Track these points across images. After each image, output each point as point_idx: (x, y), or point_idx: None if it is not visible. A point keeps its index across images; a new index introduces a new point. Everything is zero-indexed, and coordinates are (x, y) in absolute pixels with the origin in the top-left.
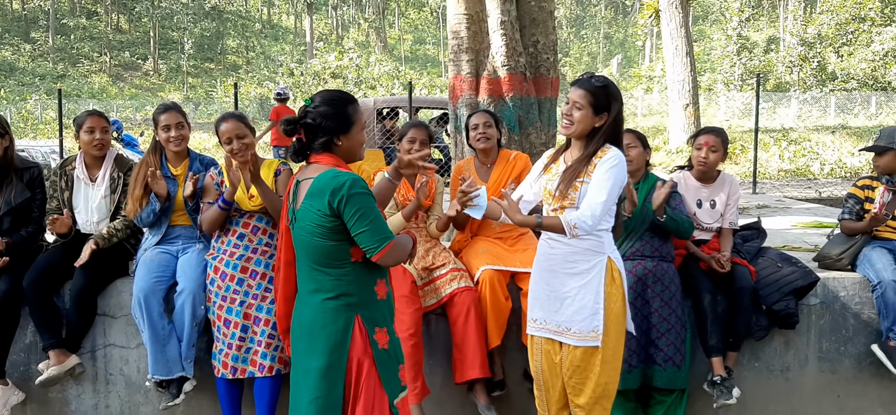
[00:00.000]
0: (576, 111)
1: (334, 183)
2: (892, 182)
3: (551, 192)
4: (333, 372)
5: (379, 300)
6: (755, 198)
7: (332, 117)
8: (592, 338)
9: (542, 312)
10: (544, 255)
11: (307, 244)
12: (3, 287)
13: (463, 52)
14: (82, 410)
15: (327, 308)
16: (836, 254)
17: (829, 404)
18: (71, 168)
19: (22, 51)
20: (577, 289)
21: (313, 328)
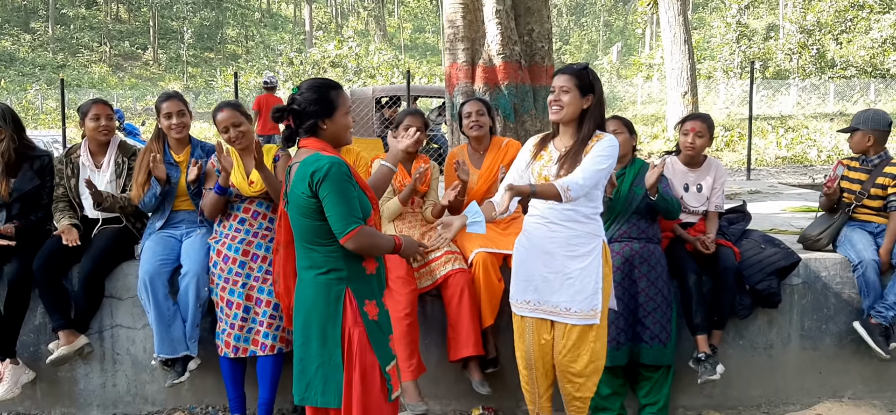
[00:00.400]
0: (564, 95)
1: (314, 166)
2: (867, 161)
3: (549, 177)
4: (331, 341)
5: (368, 275)
6: (749, 183)
7: (316, 102)
8: (592, 316)
9: (537, 294)
10: (543, 238)
11: (298, 224)
12: (14, 270)
13: (459, 40)
14: (90, 388)
15: (320, 283)
16: (816, 234)
17: (811, 381)
18: (76, 156)
19: (22, 41)
20: (579, 271)
21: (309, 302)
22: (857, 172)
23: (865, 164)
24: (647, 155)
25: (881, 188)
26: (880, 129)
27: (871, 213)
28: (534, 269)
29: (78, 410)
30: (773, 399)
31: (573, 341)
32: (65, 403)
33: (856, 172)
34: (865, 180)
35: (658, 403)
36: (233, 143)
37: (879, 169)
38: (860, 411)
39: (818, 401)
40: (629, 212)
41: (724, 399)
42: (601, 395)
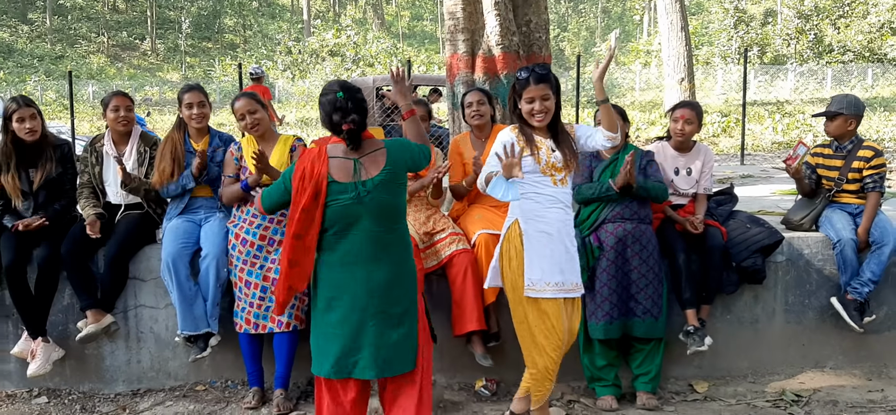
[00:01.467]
0: (546, 103)
1: (410, 150)
2: (840, 148)
3: (556, 165)
4: (415, 307)
5: None
6: (742, 168)
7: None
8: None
9: (562, 275)
10: (563, 221)
11: (387, 205)
12: (43, 255)
13: (459, 32)
14: (116, 365)
15: (410, 257)
16: (798, 218)
17: (794, 352)
18: (100, 145)
19: (20, 32)
20: (574, 252)
21: (393, 279)
22: (832, 159)
23: (839, 151)
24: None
25: (857, 172)
26: (859, 114)
27: (850, 196)
28: (558, 251)
29: (104, 385)
30: (759, 370)
31: (577, 309)
32: (92, 378)
33: (830, 160)
34: (841, 167)
35: (650, 373)
36: (249, 129)
37: (853, 153)
38: (841, 380)
39: (801, 371)
40: (622, 194)
41: (712, 369)
42: (596, 366)
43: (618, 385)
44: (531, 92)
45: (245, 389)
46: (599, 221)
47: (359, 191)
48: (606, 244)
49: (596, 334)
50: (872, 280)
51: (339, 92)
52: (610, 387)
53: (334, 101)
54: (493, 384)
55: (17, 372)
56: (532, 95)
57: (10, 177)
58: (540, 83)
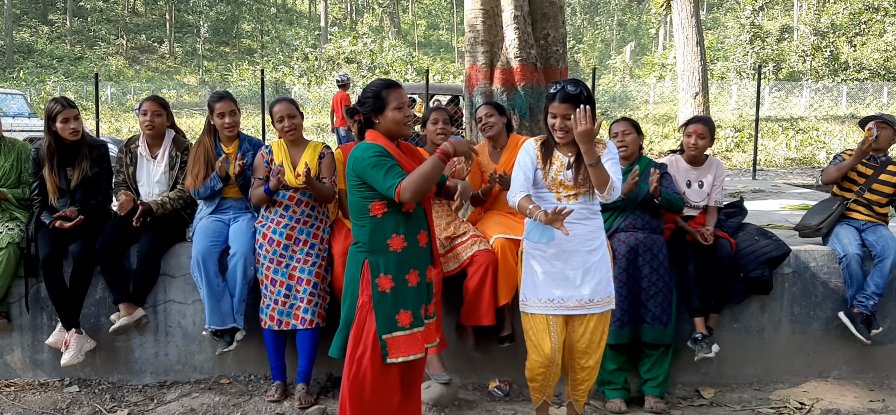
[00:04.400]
0: (567, 121)
1: (355, 152)
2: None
3: (564, 182)
4: (350, 299)
5: (390, 251)
6: (754, 183)
7: (370, 101)
8: (609, 302)
9: (562, 290)
10: (562, 237)
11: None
12: (79, 249)
13: (479, 44)
14: (145, 357)
15: (352, 253)
16: (816, 223)
17: (800, 362)
18: (134, 146)
19: (40, 33)
20: (596, 263)
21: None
22: (864, 166)
23: (872, 160)
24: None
25: (883, 184)
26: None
27: (862, 210)
28: (556, 268)
29: (133, 376)
30: (764, 378)
31: (592, 329)
32: (121, 370)
33: (862, 166)
34: (869, 176)
35: (658, 378)
36: (285, 133)
37: (883, 167)
38: (844, 390)
39: (806, 380)
40: (634, 205)
41: (719, 377)
42: (607, 370)
43: (627, 389)
44: (555, 108)
45: (268, 383)
46: (612, 229)
47: None
48: (618, 253)
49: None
50: (876, 293)
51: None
52: (619, 391)
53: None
54: (506, 385)
55: (51, 362)
56: (555, 112)
57: (49, 175)
58: (564, 102)
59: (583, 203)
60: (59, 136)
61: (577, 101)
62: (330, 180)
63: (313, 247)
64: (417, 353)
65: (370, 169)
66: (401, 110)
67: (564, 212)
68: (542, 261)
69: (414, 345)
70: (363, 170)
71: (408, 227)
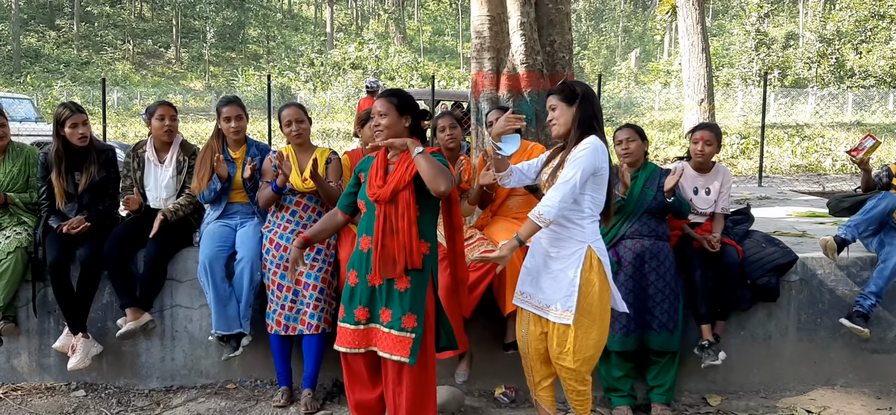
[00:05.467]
0: (553, 112)
1: None
2: None
3: (544, 183)
4: None
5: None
6: (760, 190)
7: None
8: (567, 316)
9: (530, 287)
10: (536, 238)
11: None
12: (86, 254)
13: (485, 50)
14: (151, 362)
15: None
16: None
17: (806, 369)
18: (142, 151)
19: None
20: (557, 270)
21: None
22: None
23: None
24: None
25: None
26: None
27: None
28: (530, 263)
29: (139, 381)
30: (771, 385)
31: (557, 337)
32: (127, 374)
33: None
34: None
35: (665, 385)
36: (293, 137)
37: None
38: (851, 397)
39: (812, 388)
40: (640, 211)
41: (725, 384)
42: (613, 377)
43: (633, 396)
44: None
45: (274, 388)
46: (618, 236)
47: None
48: (625, 259)
49: (613, 345)
50: (874, 293)
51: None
52: (626, 398)
53: None
54: (511, 391)
55: (57, 366)
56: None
57: (57, 179)
58: (549, 95)
59: None
60: (67, 141)
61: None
62: (337, 184)
63: (320, 252)
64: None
65: None
66: None
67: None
68: (528, 256)
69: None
70: None
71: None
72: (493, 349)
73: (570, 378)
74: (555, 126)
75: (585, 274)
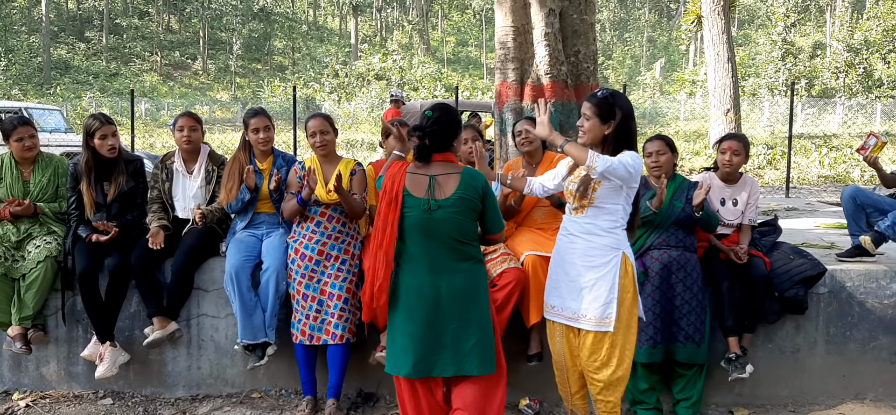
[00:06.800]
0: (585, 122)
1: (480, 177)
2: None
3: (572, 192)
4: (487, 320)
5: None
6: (787, 201)
7: (450, 125)
8: (606, 324)
9: (560, 299)
10: (564, 249)
11: (456, 224)
12: (114, 263)
13: (509, 61)
14: (177, 371)
15: (475, 271)
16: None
17: (835, 383)
18: (170, 162)
19: (77, 49)
20: (594, 280)
21: (469, 289)
22: None
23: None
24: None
25: None
26: None
27: None
28: (559, 276)
29: (166, 389)
30: (799, 399)
31: (589, 346)
32: (154, 383)
33: None
34: None
35: (691, 398)
36: (317, 148)
37: None
38: (880, 412)
39: (841, 402)
40: (668, 223)
41: (753, 398)
42: (639, 389)
43: (659, 409)
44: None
45: (298, 397)
46: (645, 247)
47: (430, 206)
48: (651, 270)
49: (639, 357)
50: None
51: (428, 110)
52: (651, 410)
53: (422, 117)
54: (536, 403)
55: (85, 374)
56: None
57: (87, 189)
58: (587, 102)
59: (589, 218)
60: (96, 151)
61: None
62: (361, 196)
63: (344, 262)
64: None
65: (495, 202)
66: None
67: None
68: (553, 267)
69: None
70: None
71: None
72: (517, 361)
73: (598, 387)
74: (582, 135)
75: (622, 279)
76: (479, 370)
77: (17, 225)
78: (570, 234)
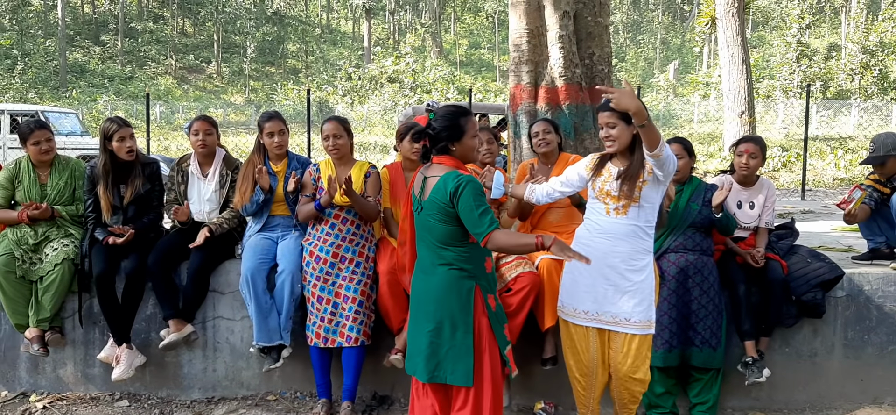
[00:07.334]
0: (612, 130)
1: (455, 181)
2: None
3: (611, 193)
4: (462, 328)
5: (487, 273)
6: (803, 204)
7: (447, 128)
8: (649, 326)
9: (596, 304)
10: (606, 251)
11: (433, 227)
12: (131, 266)
13: (523, 63)
14: (193, 373)
15: (452, 277)
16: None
17: (853, 387)
18: (186, 164)
19: (92, 53)
20: (637, 283)
21: (441, 294)
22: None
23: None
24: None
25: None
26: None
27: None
28: (594, 280)
29: (182, 392)
30: (817, 404)
31: (634, 349)
32: (170, 385)
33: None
34: None
35: (708, 402)
36: (330, 152)
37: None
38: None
39: (859, 406)
40: (685, 226)
41: (770, 402)
42: (655, 393)
43: (675, 413)
44: (600, 119)
45: (313, 400)
46: (662, 250)
47: (419, 206)
48: (668, 274)
49: (655, 361)
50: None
51: (431, 112)
52: (667, 414)
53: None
54: (551, 407)
55: (102, 376)
56: (602, 122)
57: (104, 192)
58: (606, 111)
59: (632, 220)
60: (114, 154)
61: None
62: (374, 199)
63: (358, 265)
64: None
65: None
66: (476, 137)
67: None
68: (582, 270)
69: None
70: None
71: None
72: (531, 365)
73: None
74: (613, 144)
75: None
76: (450, 379)
77: (35, 228)
78: (613, 236)
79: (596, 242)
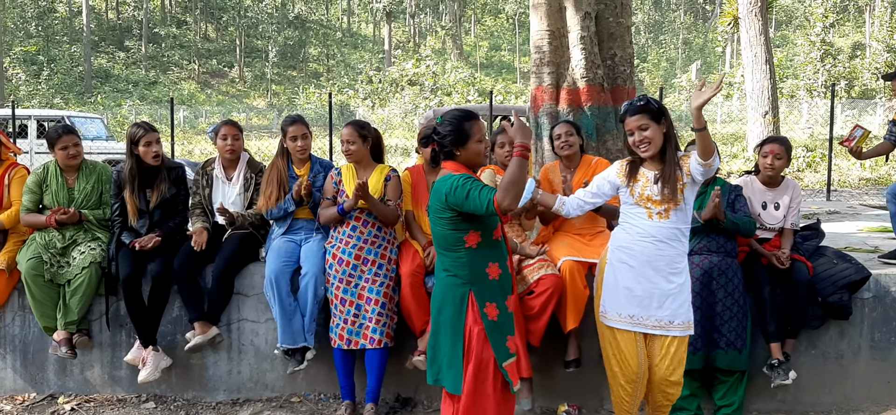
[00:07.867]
0: (645, 132)
1: (445, 184)
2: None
3: (652, 197)
4: (455, 335)
5: (490, 280)
6: (829, 204)
7: (452, 133)
8: (689, 327)
9: (641, 309)
10: (652, 255)
11: (435, 233)
12: (157, 269)
13: (545, 65)
14: (218, 375)
15: (448, 284)
16: None
17: (880, 389)
18: (210, 168)
19: (116, 58)
20: (679, 286)
21: (440, 299)
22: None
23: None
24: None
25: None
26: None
27: None
28: (639, 285)
29: (207, 393)
30: (843, 406)
31: (673, 352)
32: (195, 387)
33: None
34: None
35: (733, 405)
36: (345, 156)
37: None
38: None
39: (886, 409)
40: (709, 228)
41: (795, 404)
42: (680, 396)
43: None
44: (630, 124)
45: (337, 402)
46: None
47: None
48: (692, 276)
49: None
50: None
51: (439, 117)
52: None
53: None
54: (574, 410)
55: (128, 378)
56: (631, 127)
57: (130, 196)
58: (636, 114)
59: (674, 223)
60: (140, 159)
61: (647, 110)
62: (395, 202)
63: (381, 267)
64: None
65: (463, 192)
66: (482, 142)
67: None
68: (625, 275)
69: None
70: (456, 197)
71: (498, 256)
72: (554, 367)
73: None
74: (648, 148)
75: None
76: (445, 384)
77: (63, 232)
78: (658, 240)
79: (640, 246)
